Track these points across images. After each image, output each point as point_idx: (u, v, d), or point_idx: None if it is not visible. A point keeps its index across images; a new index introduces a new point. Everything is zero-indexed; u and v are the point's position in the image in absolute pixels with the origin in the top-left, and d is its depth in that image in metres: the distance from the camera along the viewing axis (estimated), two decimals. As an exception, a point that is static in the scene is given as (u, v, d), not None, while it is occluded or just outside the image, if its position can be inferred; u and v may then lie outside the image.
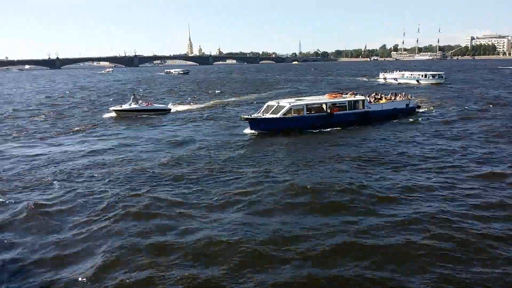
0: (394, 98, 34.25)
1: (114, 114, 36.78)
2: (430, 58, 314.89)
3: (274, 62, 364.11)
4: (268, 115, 26.83)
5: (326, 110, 28.01)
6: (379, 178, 16.31)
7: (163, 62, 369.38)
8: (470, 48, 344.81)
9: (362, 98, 30.49)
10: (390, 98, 34.06)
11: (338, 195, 14.28)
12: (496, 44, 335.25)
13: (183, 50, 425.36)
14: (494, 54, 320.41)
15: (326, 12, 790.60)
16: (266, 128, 26.45)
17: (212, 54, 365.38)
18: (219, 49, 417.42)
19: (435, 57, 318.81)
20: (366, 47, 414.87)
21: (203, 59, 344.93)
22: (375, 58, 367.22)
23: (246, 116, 27.12)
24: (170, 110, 39.16)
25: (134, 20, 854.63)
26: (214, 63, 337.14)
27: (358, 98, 30.49)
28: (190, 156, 20.64)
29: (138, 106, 37.18)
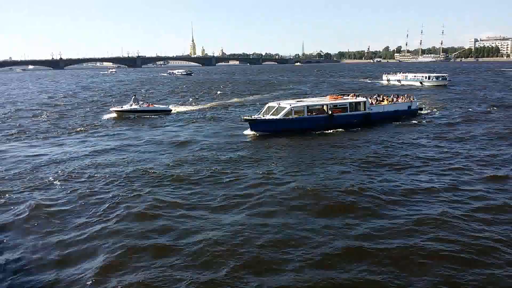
0: (396, 99, 34.14)
1: (114, 114, 36.79)
2: (433, 60, 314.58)
3: (276, 63, 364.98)
4: (268, 116, 26.76)
5: (327, 111, 27.86)
6: (381, 180, 16.24)
7: (166, 63, 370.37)
8: (473, 50, 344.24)
9: (364, 99, 30.27)
10: (392, 99, 33.93)
11: (339, 197, 14.21)
12: (500, 46, 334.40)
13: (186, 51, 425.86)
14: (498, 56, 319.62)
15: (329, 14, 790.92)
16: (266, 129, 26.36)
17: (215, 55, 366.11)
18: (222, 50, 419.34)
19: (438, 59, 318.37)
20: (369, 49, 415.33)
21: (206, 60, 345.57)
22: (378, 60, 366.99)
23: (247, 117, 27.02)
24: (171, 111, 39.20)
25: (137, 21, 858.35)
26: (216, 64, 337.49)
27: (360, 99, 30.27)
28: (191, 157, 20.61)
29: (139, 107, 37.26)
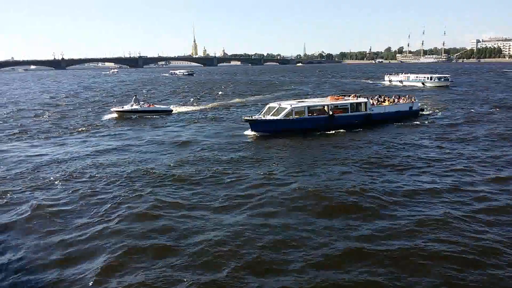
0: (398, 100, 34.07)
1: (115, 115, 36.78)
2: (435, 60, 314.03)
3: (278, 63, 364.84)
4: (269, 117, 26.75)
5: (328, 112, 27.82)
6: (383, 181, 16.20)
7: (168, 63, 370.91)
8: (475, 51, 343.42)
9: (365, 100, 30.20)
10: (393, 100, 33.87)
11: (341, 198, 14.17)
12: (502, 47, 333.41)
13: (187, 51, 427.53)
14: (500, 57, 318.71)
15: (329, 13, 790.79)
16: (267, 129, 26.34)
17: (216, 56, 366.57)
18: (224, 50, 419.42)
19: (440, 59, 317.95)
20: (370, 49, 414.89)
21: (208, 60, 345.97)
22: (380, 61, 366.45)
23: (247, 117, 27.04)
24: (172, 111, 39.18)
25: (137, 21, 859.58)
26: (218, 65, 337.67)
27: (360, 100, 30.21)
28: (192, 157, 20.61)
29: (140, 107, 37.25)
